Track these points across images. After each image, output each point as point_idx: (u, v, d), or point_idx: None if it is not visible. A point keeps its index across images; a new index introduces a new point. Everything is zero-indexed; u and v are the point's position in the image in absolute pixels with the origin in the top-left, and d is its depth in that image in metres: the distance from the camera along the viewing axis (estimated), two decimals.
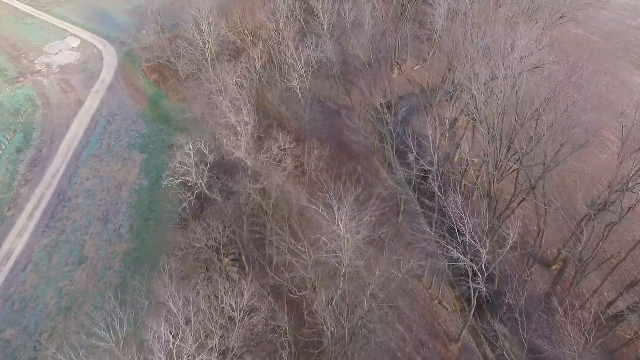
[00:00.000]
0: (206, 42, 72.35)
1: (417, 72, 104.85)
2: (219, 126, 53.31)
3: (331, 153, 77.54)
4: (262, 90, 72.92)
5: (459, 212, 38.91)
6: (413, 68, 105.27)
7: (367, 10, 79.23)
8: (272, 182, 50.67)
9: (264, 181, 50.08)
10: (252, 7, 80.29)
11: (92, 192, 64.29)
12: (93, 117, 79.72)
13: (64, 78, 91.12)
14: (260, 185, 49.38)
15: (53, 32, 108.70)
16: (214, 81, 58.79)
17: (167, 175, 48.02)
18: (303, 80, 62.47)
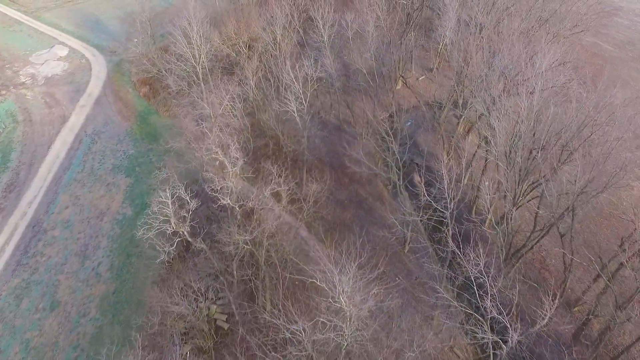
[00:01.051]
0: (197, 57, 65.83)
1: (423, 83, 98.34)
2: (206, 162, 46.87)
3: (332, 175, 71.32)
4: (258, 109, 66.47)
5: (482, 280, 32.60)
6: (418, 79, 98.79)
7: (371, 21, 72.64)
8: (265, 231, 44.17)
9: (254, 230, 43.62)
10: (247, 18, 73.68)
11: (70, 223, 57.99)
12: (77, 136, 73.35)
13: (49, 91, 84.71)
14: (250, 237, 42.92)
15: (41, 40, 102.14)
16: (202, 107, 52.32)
17: (142, 224, 41.44)
18: (301, 101, 56.04)
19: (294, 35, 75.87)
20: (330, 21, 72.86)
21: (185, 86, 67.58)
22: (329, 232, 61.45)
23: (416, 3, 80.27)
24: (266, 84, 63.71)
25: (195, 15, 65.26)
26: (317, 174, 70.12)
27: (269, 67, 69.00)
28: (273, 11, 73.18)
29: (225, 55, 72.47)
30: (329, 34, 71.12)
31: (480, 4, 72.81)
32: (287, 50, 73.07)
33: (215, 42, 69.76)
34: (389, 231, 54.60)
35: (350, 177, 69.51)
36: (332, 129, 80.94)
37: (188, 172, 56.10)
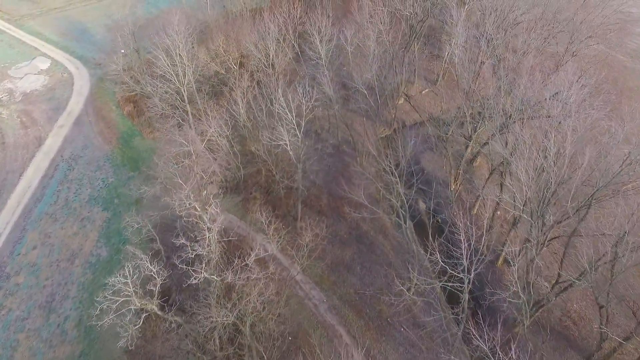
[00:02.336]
0: (181, 78, 58.52)
1: (427, 97, 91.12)
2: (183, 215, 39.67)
3: (330, 203, 64.28)
4: (248, 136, 59.25)
5: None
6: (422, 92, 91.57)
7: (372, 36, 65.33)
8: (249, 306, 36.94)
9: (235, 309, 36.46)
10: (238, 32, 66.26)
11: (37, 268, 50.96)
12: (53, 161, 66.15)
13: (26, 109, 77.42)
14: (231, 318, 35.72)
15: (22, 52, 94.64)
16: (181, 143, 45.02)
17: (102, 300, 34.00)
18: (295, 132, 48.84)
19: (288, 51, 68.61)
20: (328, 36, 65.58)
21: (169, 109, 60.28)
22: (326, 274, 54.59)
23: (420, 15, 72.88)
24: (257, 108, 56.45)
25: (179, 32, 57.88)
26: (314, 203, 63.23)
27: (260, 88, 61.74)
28: (266, 25, 65.89)
29: (214, 73, 65.15)
30: (327, 50, 63.81)
31: (491, 17, 65.55)
32: (281, 67, 65.87)
33: (202, 59, 62.39)
34: (394, 297, 47.31)
35: (350, 203, 62.54)
36: (331, 148, 73.80)
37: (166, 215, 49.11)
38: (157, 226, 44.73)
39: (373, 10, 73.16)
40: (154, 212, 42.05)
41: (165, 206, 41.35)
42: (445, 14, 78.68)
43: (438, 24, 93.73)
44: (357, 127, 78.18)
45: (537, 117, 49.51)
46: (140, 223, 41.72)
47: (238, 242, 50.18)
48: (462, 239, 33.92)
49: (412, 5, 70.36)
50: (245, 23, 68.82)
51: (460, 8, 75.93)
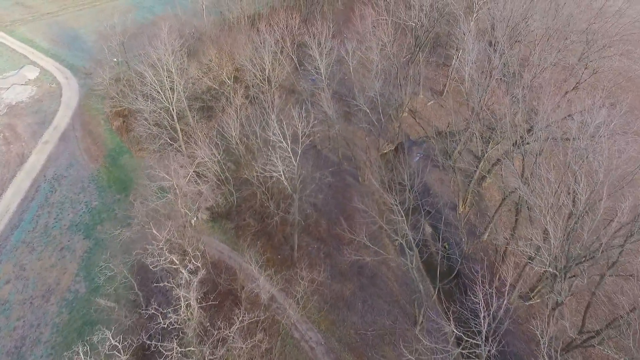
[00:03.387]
0: (170, 96, 53.39)
1: (432, 109, 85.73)
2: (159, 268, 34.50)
3: (330, 229, 59.10)
4: (242, 160, 54.05)
5: None
6: (427, 104, 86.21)
7: (375, 49, 60.06)
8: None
9: None
10: (232, 45, 61.01)
11: (9, 305, 46.03)
12: (34, 181, 61.19)
13: (10, 123, 72.45)
14: None
15: (11, 60, 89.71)
16: (162, 177, 39.85)
17: None
18: (290, 161, 43.62)
19: (286, 64, 63.41)
20: (328, 48, 60.32)
21: (155, 129, 55.20)
22: (325, 311, 49.47)
23: (427, 25, 67.44)
24: (250, 130, 51.28)
25: (167, 45, 52.70)
26: (313, 229, 57.93)
27: (254, 105, 56.59)
28: (262, 36, 60.68)
29: (206, 89, 59.99)
30: (327, 64, 58.56)
31: (501, 27, 60.16)
32: (278, 82, 60.67)
33: (193, 74, 57.23)
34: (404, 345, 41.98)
35: (351, 222, 57.41)
36: (331, 165, 68.42)
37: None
38: (135, 266, 39.74)
39: (376, 20, 67.90)
40: (131, 255, 36.99)
41: (143, 248, 36.40)
42: (452, 24, 73.44)
43: (444, 31, 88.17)
44: (359, 142, 73.03)
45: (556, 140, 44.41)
46: (115, 270, 36.75)
47: (228, 280, 45.01)
48: (479, 307, 28.62)
49: (418, 16, 64.95)
50: (240, 34, 63.52)
51: (468, 17, 70.64)
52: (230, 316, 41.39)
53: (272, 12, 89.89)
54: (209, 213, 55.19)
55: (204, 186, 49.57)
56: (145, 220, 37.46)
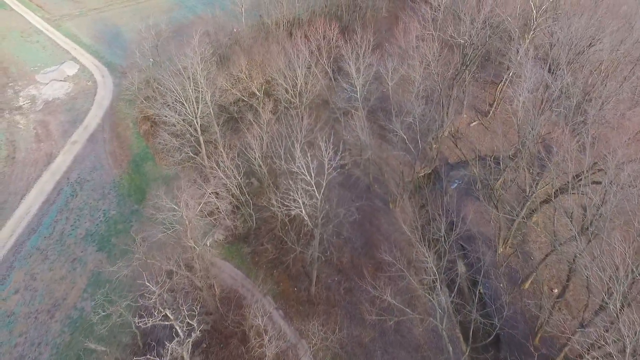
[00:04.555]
0: (195, 110, 49.68)
1: (475, 130, 78.43)
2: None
3: (352, 259, 53.82)
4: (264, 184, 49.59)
5: None
6: (470, 125, 79.02)
7: (418, 68, 53.95)
8: None
9: None
10: (264, 56, 56.58)
11: (14, 318, 43.80)
12: (58, 184, 59.36)
13: (44, 120, 71.42)
14: None
15: (54, 55, 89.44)
16: (171, 208, 35.86)
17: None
18: (312, 194, 38.64)
19: (320, 77, 58.35)
20: (367, 63, 54.73)
21: (177, 142, 51.72)
22: (340, 358, 44.35)
23: (477, 43, 60.41)
24: (275, 153, 46.72)
25: (197, 54, 48.91)
26: (335, 260, 52.59)
27: (282, 122, 51.96)
28: (297, 47, 55.91)
29: (233, 101, 56.00)
30: (363, 81, 53.03)
31: (566, 55, 52.49)
32: (309, 99, 55.74)
33: (221, 85, 53.32)
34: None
35: (377, 270, 51.78)
36: (360, 189, 62.84)
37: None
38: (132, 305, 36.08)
39: (422, 35, 61.61)
40: (131, 288, 33.28)
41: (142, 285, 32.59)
42: (506, 40, 66.01)
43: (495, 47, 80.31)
44: (392, 162, 67.13)
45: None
46: (110, 309, 33.22)
47: (236, 320, 40.63)
48: None
49: (468, 32, 58.10)
50: (275, 44, 58.96)
51: (524, 35, 63.09)
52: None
53: (313, 18, 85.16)
54: (225, 235, 51.26)
55: (220, 203, 45.66)
56: (147, 255, 33.69)
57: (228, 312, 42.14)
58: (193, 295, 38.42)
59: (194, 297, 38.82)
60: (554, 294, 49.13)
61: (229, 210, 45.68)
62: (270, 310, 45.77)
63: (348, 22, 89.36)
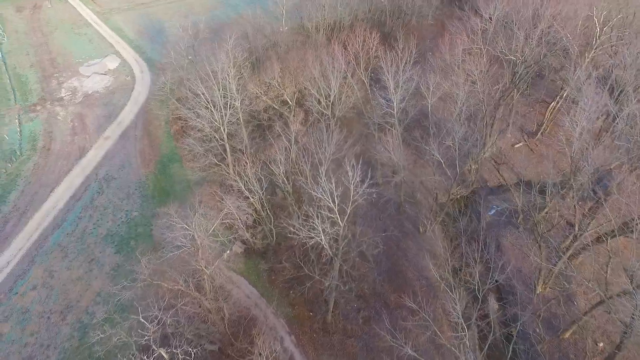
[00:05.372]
0: (223, 117, 47.38)
1: (519, 152, 71.97)
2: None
3: (375, 286, 49.82)
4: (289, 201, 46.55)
5: None
6: (514, 146, 72.72)
7: (462, 85, 49.18)
8: None
9: None
10: (299, 62, 53.52)
11: (28, 316, 43.16)
12: (87, 179, 59.00)
13: (82, 113, 71.81)
14: None
15: (99, 48, 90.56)
16: (182, 228, 33.39)
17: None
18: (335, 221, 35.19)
19: (356, 88, 54.66)
20: (406, 77, 50.40)
21: (202, 150, 49.69)
22: None
23: (530, 61, 54.62)
24: (299, 169, 43.64)
25: (227, 64, 46.49)
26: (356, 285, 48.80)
27: (311, 135, 48.72)
28: (333, 55, 52.43)
29: (263, 108, 53.36)
30: (400, 97, 48.89)
31: (632, 80, 46.14)
32: (342, 111, 52.17)
33: (251, 92, 50.78)
34: None
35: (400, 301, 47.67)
36: (388, 208, 58.47)
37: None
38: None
39: (469, 49, 56.55)
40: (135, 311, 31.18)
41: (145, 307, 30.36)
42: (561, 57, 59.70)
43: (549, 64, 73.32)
44: (426, 181, 62.43)
45: None
46: (109, 332, 31.25)
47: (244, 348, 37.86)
48: None
49: (521, 49, 52.54)
50: (311, 51, 55.74)
51: (584, 54, 56.68)
52: None
53: (355, 22, 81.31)
54: (244, 248, 48.79)
55: (240, 214, 43.15)
56: (152, 277, 31.50)
57: (237, 333, 39.53)
58: (202, 316, 36.06)
59: (203, 317, 36.47)
60: (600, 348, 43.38)
61: (249, 223, 42.98)
62: (282, 335, 42.93)
63: (391, 29, 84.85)
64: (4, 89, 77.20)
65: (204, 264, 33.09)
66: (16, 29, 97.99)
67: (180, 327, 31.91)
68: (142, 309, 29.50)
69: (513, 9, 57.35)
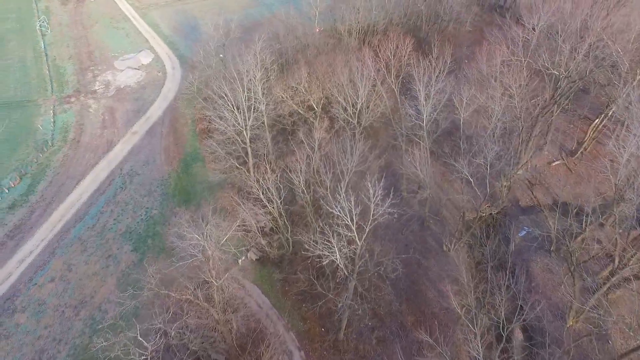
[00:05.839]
0: (246, 120, 46.16)
1: (556, 171, 67.50)
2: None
3: (391, 308, 47.29)
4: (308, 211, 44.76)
5: None
6: (551, 164, 68.25)
7: (498, 99, 45.95)
8: None
9: None
10: (326, 69, 51.61)
11: (44, 308, 43.36)
12: (111, 173, 59.30)
13: (113, 107, 72.57)
14: None
15: (135, 42, 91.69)
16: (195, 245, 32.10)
17: None
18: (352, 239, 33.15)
19: (385, 97, 52.27)
20: (438, 87, 47.61)
21: (223, 152, 48.66)
22: None
23: (575, 76, 50.56)
24: (320, 179, 41.78)
25: (253, 67, 45.17)
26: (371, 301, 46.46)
27: (335, 143, 46.74)
28: (363, 62, 50.25)
29: (288, 113, 51.84)
30: (431, 111, 46.12)
31: None
32: (369, 121, 49.92)
33: (276, 96, 49.34)
34: None
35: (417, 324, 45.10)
36: (411, 222, 55.74)
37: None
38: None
39: (508, 60, 53.02)
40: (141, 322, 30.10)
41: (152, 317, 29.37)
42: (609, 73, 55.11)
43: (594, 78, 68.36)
44: (454, 196, 59.22)
45: None
46: (113, 340, 30.40)
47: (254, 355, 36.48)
48: None
49: (565, 64, 48.63)
50: (341, 55, 53.74)
51: (634, 72, 52.11)
52: None
53: (389, 27, 78.64)
54: (260, 254, 47.47)
55: (256, 220, 41.77)
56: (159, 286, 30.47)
57: (245, 345, 38.19)
58: (210, 327, 34.88)
59: (211, 328, 35.30)
60: None
61: (266, 230, 41.61)
62: (291, 349, 41.32)
63: (427, 34, 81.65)
64: (43, 80, 79.11)
65: (214, 275, 31.81)
66: (60, 21, 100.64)
67: (185, 338, 30.80)
68: (148, 318, 28.44)
69: (559, 19, 53.28)
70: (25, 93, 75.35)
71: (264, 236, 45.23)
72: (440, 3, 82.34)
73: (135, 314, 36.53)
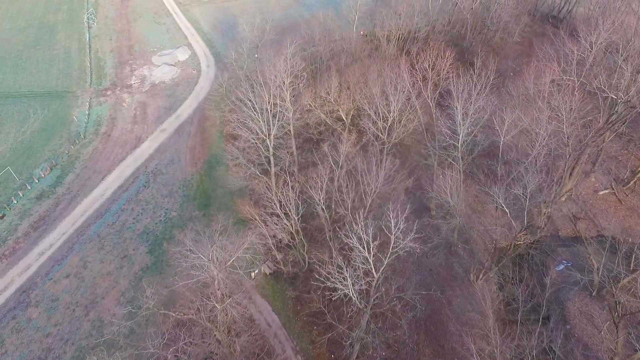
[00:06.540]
0: (270, 128, 43.88)
1: (604, 200, 61.34)
2: None
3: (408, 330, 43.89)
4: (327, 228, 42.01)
5: None
6: (598, 192, 62.18)
7: (545, 122, 41.24)
8: None
9: None
10: (358, 79, 48.41)
11: (56, 305, 42.98)
12: (136, 170, 58.82)
13: (145, 102, 72.51)
14: None
15: (174, 38, 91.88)
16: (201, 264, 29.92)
17: None
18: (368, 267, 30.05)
19: (420, 113, 48.51)
20: (478, 106, 43.36)
21: (244, 160, 46.61)
22: None
23: (635, 101, 44.80)
24: (341, 197, 38.84)
25: (282, 73, 42.80)
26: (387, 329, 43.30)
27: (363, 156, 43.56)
28: (399, 73, 46.78)
29: (315, 122, 49.11)
30: (468, 131, 42.05)
31: None
32: (399, 136, 46.35)
33: (304, 105, 46.78)
34: None
35: None
36: (438, 246, 51.70)
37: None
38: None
39: (559, 79, 47.92)
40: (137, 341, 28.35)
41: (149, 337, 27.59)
42: None
43: None
44: (486, 219, 54.66)
45: None
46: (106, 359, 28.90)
47: None
48: None
49: (625, 88, 43.08)
50: (375, 63, 50.39)
51: None
52: None
53: (431, 34, 74.36)
54: (274, 268, 45.19)
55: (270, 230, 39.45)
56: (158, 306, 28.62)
57: None
58: (212, 346, 32.90)
59: (212, 349, 33.30)
60: None
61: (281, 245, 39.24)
62: None
63: (470, 44, 76.64)
64: (83, 71, 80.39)
65: (219, 295, 29.72)
66: (107, 14, 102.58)
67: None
68: (143, 339, 26.61)
69: (621, 37, 47.55)
70: (66, 84, 76.72)
71: (279, 250, 42.85)
72: (487, 11, 77.03)
73: (132, 333, 35.00)
